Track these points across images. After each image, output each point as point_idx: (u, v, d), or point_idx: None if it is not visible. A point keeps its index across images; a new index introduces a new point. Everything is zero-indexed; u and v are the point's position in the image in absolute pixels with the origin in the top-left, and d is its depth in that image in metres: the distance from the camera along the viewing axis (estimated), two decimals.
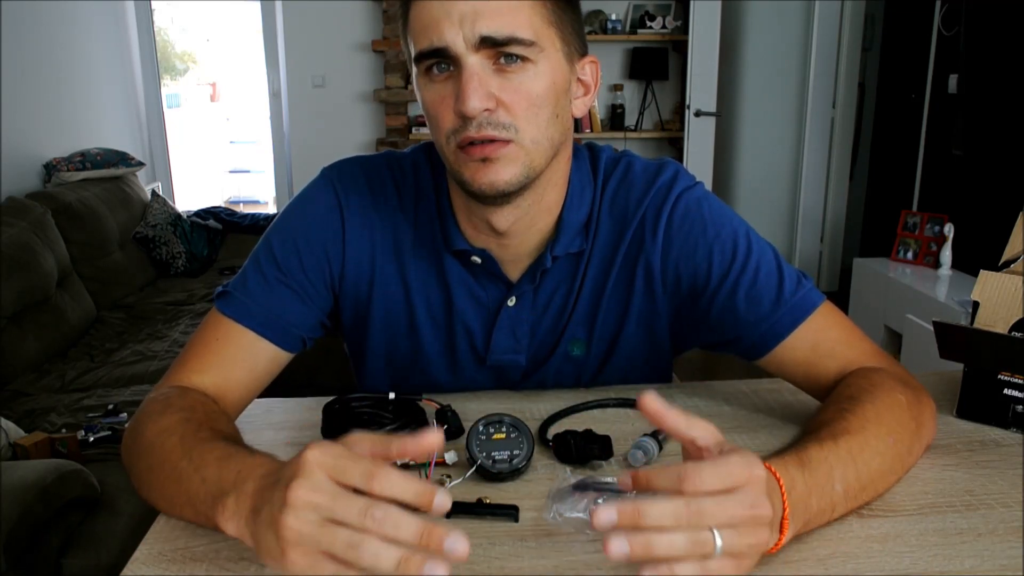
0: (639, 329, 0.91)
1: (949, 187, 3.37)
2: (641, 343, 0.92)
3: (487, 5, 0.72)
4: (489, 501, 0.69)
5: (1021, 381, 0.83)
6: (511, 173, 0.76)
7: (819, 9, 3.97)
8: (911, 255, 3.32)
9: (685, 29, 4.00)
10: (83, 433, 1.79)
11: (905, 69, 3.81)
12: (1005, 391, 0.84)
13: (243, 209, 4.80)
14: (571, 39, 0.78)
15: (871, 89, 4.32)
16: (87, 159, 3.11)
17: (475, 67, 0.72)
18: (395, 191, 0.89)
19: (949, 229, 3.16)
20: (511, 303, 0.89)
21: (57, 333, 2.51)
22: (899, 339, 3.10)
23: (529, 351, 0.92)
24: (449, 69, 0.74)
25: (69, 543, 1.51)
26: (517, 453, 0.73)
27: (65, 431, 1.82)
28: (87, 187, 3.02)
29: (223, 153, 8.73)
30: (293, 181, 4.41)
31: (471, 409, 0.85)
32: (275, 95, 4.38)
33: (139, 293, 3.11)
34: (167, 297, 3.07)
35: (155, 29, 4.27)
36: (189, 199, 5.83)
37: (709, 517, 0.51)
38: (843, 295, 3.73)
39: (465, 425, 0.80)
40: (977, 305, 0.86)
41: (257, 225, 3.67)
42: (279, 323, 0.84)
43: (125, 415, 1.93)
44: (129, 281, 3.09)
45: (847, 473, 0.65)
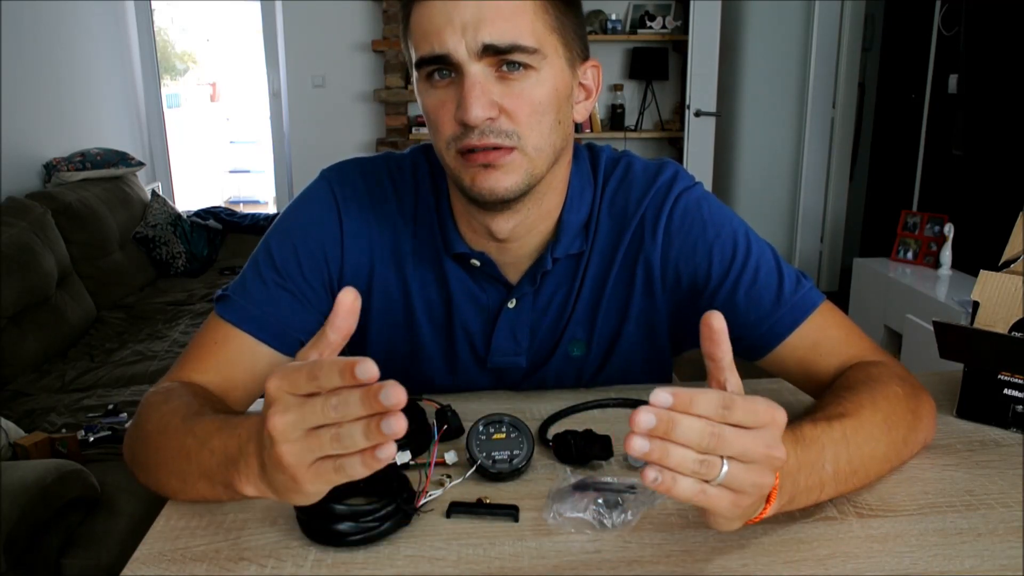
0: (639, 329, 0.91)
1: (949, 187, 3.37)
2: (641, 343, 0.92)
3: (490, 11, 0.71)
4: (489, 501, 0.69)
5: (1021, 381, 0.83)
6: (512, 180, 0.76)
7: (819, 9, 3.97)
8: (911, 255, 3.33)
9: (685, 29, 4.00)
10: (83, 433, 1.79)
11: (905, 69, 3.81)
12: (1005, 391, 0.84)
13: (243, 209, 4.80)
14: (573, 44, 0.78)
15: (871, 89, 4.31)
16: (87, 159, 3.11)
17: (477, 76, 0.72)
18: (394, 193, 0.89)
19: (949, 229, 3.17)
20: (511, 305, 0.89)
21: (57, 333, 2.51)
22: (899, 339, 3.10)
23: (529, 353, 0.92)
24: (450, 76, 0.74)
25: (69, 543, 1.51)
26: (517, 453, 0.73)
27: (65, 431, 1.83)
28: (87, 187, 3.02)
29: (223, 153, 8.73)
30: (293, 181, 4.41)
31: (471, 409, 0.85)
32: (275, 95, 4.39)
33: (139, 293, 3.11)
34: (167, 297, 3.07)
35: (155, 29, 4.27)
36: (189, 199, 5.83)
37: (727, 446, 0.51)
38: (843, 295, 3.73)
39: (465, 425, 0.80)
40: (977, 305, 0.86)
41: (257, 225, 3.67)
42: (278, 327, 0.84)
43: (125, 415, 1.93)
44: (129, 281, 3.09)
45: (839, 454, 0.65)
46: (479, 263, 0.86)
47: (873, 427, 0.69)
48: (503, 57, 0.72)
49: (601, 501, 0.66)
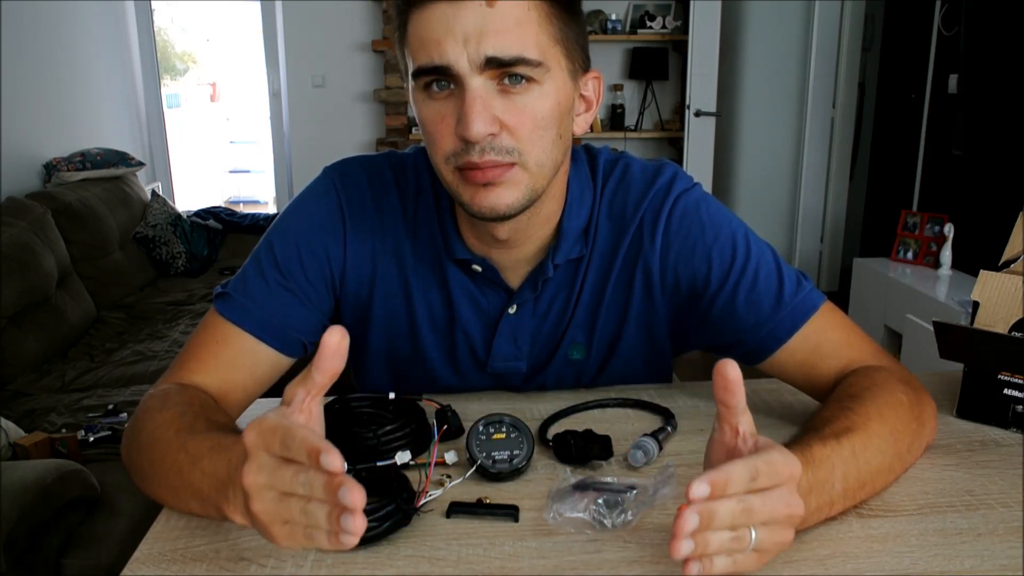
0: (639, 332, 0.91)
1: (949, 187, 3.37)
2: (641, 345, 0.92)
3: (493, 21, 0.68)
4: (489, 501, 0.69)
5: (1021, 381, 0.83)
6: (513, 197, 0.74)
7: (819, 9, 3.97)
8: (911, 255, 3.32)
9: (685, 29, 4.00)
10: (83, 433, 1.79)
11: (905, 69, 3.80)
12: (1005, 391, 0.84)
13: (243, 209, 4.80)
14: (576, 55, 0.76)
15: (871, 89, 4.31)
16: (87, 159, 3.11)
17: (479, 90, 0.69)
18: (397, 193, 0.88)
19: (949, 229, 3.16)
20: (512, 311, 0.88)
21: (57, 333, 2.51)
22: (899, 339, 3.10)
23: (530, 357, 0.91)
24: (450, 87, 0.71)
25: (69, 543, 1.51)
26: (517, 453, 0.73)
27: (65, 431, 1.82)
28: (87, 187, 3.02)
29: (223, 153, 8.73)
30: (293, 181, 4.41)
31: (471, 409, 0.85)
32: (275, 95, 4.38)
33: (139, 293, 3.11)
34: (167, 297, 3.07)
35: (155, 29, 4.27)
36: (189, 199, 5.83)
37: (755, 516, 0.52)
38: (843, 295, 3.73)
39: (465, 425, 0.80)
40: (977, 305, 0.86)
41: (257, 225, 3.67)
42: (280, 328, 0.83)
43: (125, 415, 1.93)
44: (129, 281, 3.09)
45: (848, 472, 0.65)
46: (480, 268, 0.86)
47: (881, 440, 0.69)
48: (506, 70, 0.69)
49: (601, 501, 0.66)
